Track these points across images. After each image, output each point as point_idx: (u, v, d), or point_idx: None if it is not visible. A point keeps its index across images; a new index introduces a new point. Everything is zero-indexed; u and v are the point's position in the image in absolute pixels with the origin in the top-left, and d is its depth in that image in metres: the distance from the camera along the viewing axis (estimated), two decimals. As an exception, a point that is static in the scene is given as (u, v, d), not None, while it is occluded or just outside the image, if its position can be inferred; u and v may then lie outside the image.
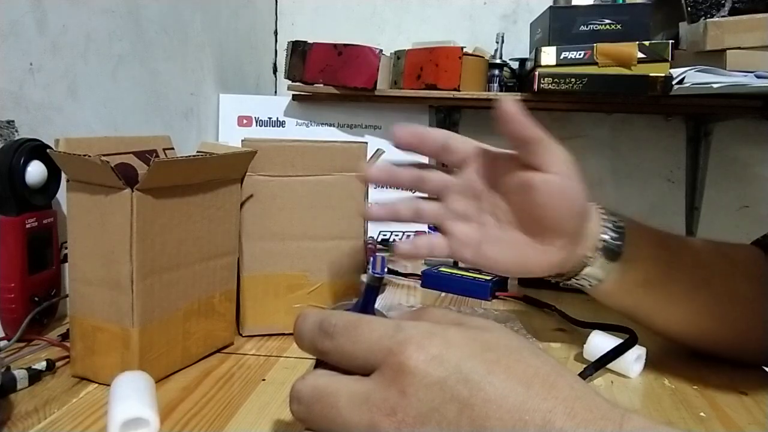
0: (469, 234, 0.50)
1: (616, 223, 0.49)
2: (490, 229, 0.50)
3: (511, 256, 0.49)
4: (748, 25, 0.97)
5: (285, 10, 1.44)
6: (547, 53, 1.04)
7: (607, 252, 0.48)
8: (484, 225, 0.50)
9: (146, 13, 0.84)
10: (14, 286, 0.55)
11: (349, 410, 0.28)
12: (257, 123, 1.19)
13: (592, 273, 0.49)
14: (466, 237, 0.50)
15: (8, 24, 0.58)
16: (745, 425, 0.45)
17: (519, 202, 0.48)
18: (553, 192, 0.45)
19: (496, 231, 0.49)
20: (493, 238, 0.49)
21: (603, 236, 0.48)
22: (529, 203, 0.46)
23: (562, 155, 0.46)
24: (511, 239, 0.49)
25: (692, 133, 1.35)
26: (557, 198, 0.45)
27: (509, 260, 0.49)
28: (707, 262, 0.53)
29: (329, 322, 0.30)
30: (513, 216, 0.48)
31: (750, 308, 0.52)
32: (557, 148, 0.46)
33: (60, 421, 0.41)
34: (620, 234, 0.49)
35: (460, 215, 0.51)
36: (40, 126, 0.62)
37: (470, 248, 0.50)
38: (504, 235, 0.49)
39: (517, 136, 0.45)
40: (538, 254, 0.48)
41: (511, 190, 0.48)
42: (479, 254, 0.50)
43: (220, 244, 0.54)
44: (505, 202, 0.49)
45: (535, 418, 0.26)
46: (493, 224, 0.49)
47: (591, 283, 0.50)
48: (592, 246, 0.48)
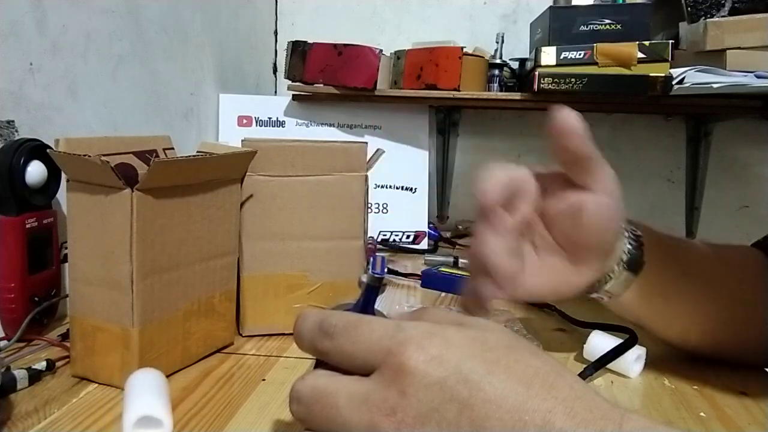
0: (512, 268, 0.44)
1: (634, 231, 0.48)
2: (530, 259, 0.46)
3: (548, 283, 0.46)
4: (748, 25, 0.97)
5: (285, 10, 1.44)
6: (547, 53, 1.04)
7: (629, 265, 0.47)
8: (522, 256, 0.46)
9: (146, 13, 0.84)
10: (14, 286, 0.55)
11: (349, 410, 0.28)
12: (257, 123, 1.19)
13: (614, 287, 0.47)
14: (510, 272, 0.44)
15: (8, 24, 0.58)
16: (745, 425, 0.45)
17: (565, 227, 0.44)
18: (603, 214, 0.43)
19: (535, 261, 0.46)
20: (533, 269, 0.46)
21: (626, 246, 0.47)
22: (577, 227, 0.44)
23: (612, 175, 0.43)
24: (550, 265, 0.46)
25: (692, 133, 1.35)
26: (606, 219, 0.43)
27: (547, 287, 0.46)
28: (713, 267, 0.53)
29: (329, 322, 0.30)
30: (554, 242, 0.46)
31: (753, 312, 0.51)
32: (607, 167, 0.43)
33: (60, 421, 0.41)
34: (639, 243, 0.47)
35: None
36: (40, 126, 0.62)
37: (512, 283, 0.44)
38: (542, 263, 0.46)
39: (574, 152, 0.41)
40: (573, 277, 0.45)
41: (558, 217, 0.44)
42: (517, 287, 0.45)
43: (220, 244, 0.54)
44: (547, 227, 0.46)
45: (534, 418, 0.26)
46: (531, 253, 0.46)
47: (611, 296, 0.48)
48: (617, 259, 0.46)
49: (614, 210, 0.43)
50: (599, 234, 0.44)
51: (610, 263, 0.46)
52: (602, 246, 0.45)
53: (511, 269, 0.43)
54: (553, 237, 0.46)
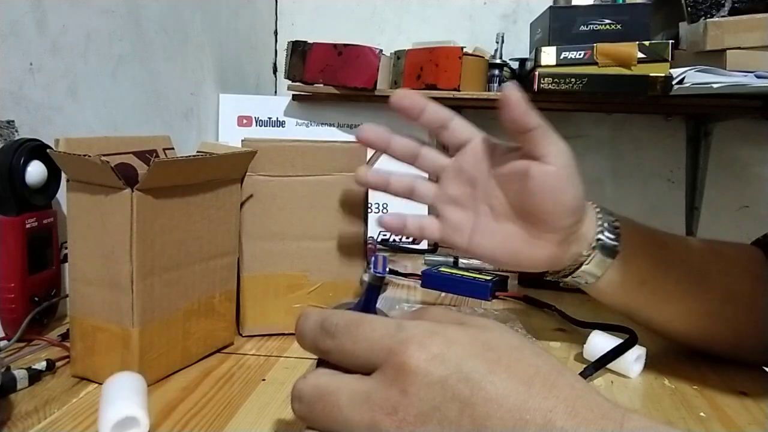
0: (462, 220, 0.50)
1: (612, 222, 0.49)
2: (484, 219, 0.49)
3: (503, 247, 0.49)
4: (748, 25, 0.97)
5: (285, 10, 1.44)
6: (547, 53, 1.04)
7: (603, 250, 0.48)
8: (478, 214, 0.50)
9: (146, 13, 0.84)
10: (14, 286, 0.55)
11: (351, 409, 0.28)
12: (257, 123, 1.19)
13: (589, 270, 0.49)
14: (459, 223, 0.50)
15: (8, 24, 0.58)
16: (745, 425, 0.45)
17: (515, 192, 0.47)
18: (550, 183, 0.45)
19: (490, 221, 0.49)
20: (486, 228, 0.49)
21: (599, 236, 0.48)
22: (524, 193, 0.46)
23: (563, 148, 0.46)
24: (505, 231, 0.48)
25: (692, 133, 1.35)
26: (553, 190, 0.45)
27: (501, 251, 0.49)
28: (702, 260, 0.53)
29: (331, 321, 0.30)
30: (508, 207, 0.48)
31: (748, 307, 0.52)
32: (558, 141, 0.46)
33: (60, 421, 0.41)
34: (616, 234, 0.49)
35: (454, 200, 0.50)
36: (40, 126, 0.62)
37: (462, 235, 0.50)
38: (498, 226, 0.49)
39: (517, 123, 0.45)
40: (530, 248, 0.47)
41: (508, 178, 0.48)
42: (471, 242, 0.49)
43: (220, 244, 0.54)
44: (502, 191, 0.48)
45: (536, 417, 0.26)
46: (488, 214, 0.49)
47: (588, 280, 0.50)
48: (587, 245, 0.48)
49: (560, 181, 0.45)
50: (546, 204, 0.46)
51: (579, 246, 0.48)
52: (555, 221, 0.46)
53: (456, 218, 0.50)
54: (507, 202, 0.48)
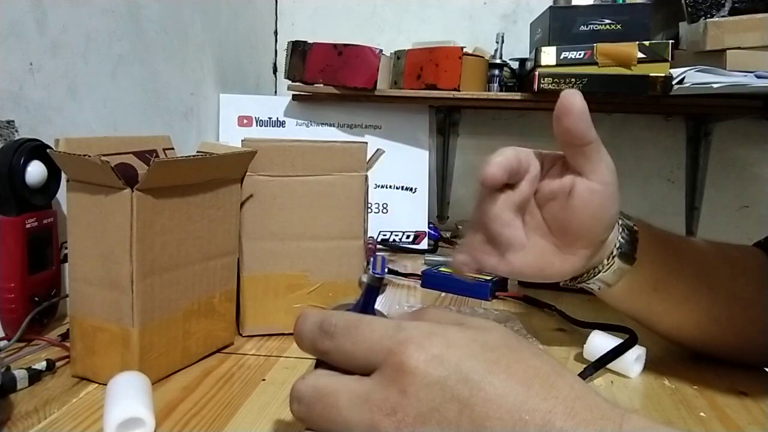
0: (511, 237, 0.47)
1: (631, 227, 0.48)
2: None
3: (534, 263, 0.46)
4: (748, 25, 0.97)
5: (285, 10, 1.44)
6: (547, 53, 1.04)
7: (621, 257, 0.47)
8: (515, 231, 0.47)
9: (146, 13, 0.84)
10: (14, 286, 0.55)
11: (350, 410, 0.28)
12: (257, 123, 1.19)
13: (604, 277, 0.48)
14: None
15: (8, 24, 0.58)
16: (745, 425, 0.45)
17: (555, 208, 0.45)
18: (595, 202, 0.43)
19: (523, 239, 0.47)
20: (518, 245, 0.46)
21: (619, 241, 0.47)
22: (565, 210, 0.44)
23: (610, 165, 0.43)
24: (537, 246, 0.46)
25: (692, 133, 1.35)
26: (597, 208, 0.44)
27: (531, 267, 0.47)
28: (711, 265, 0.53)
29: (329, 322, 0.30)
30: (542, 222, 0.46)
31: (753, 311, 0.51)
32: (606, 157, 0.43)
33: (60, 421, 0.41)
34: (634, 239, 0.48)
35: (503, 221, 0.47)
36: (40, 126, 0.62)
37: (495, 255, 0.47)
38: (529, 242, 0.46)
39: (575, 135, 0.42)
40: (560, 262, 0.46)
41: (550, 194, 0.45)
42: (503, 261, 0.47)
43: (220, 244, 0.54)
44: (538, 207, 0.46)
45: (535, 418, 0.26)
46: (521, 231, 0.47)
47: (601, 287, 0.49)
48: (609, 254, 0.47)
49: (605, 199, 0.44)
50: (588, 222, 0.44)
51: (601, 256, 0.47)
52: (592, 237, 0.45)
53: (510, 238, 0.46)
54: (543, 218, 0.46)
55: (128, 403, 0.39)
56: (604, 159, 0.43)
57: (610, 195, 0.44)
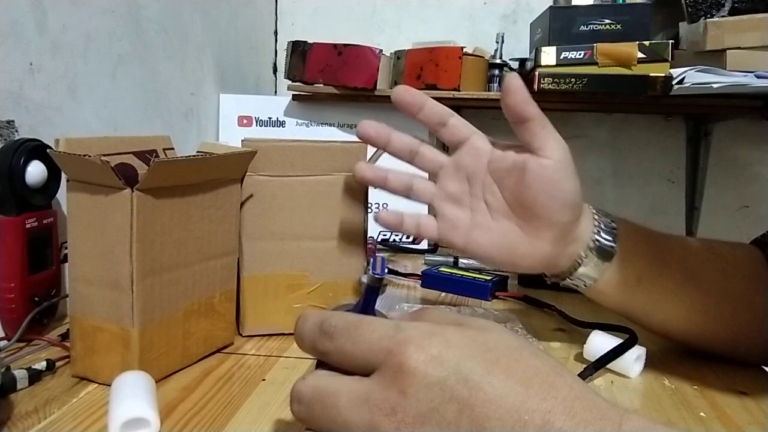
0: (459, 218, 0.50)
1: (609, 224, 0.49)
2: (481, 216, 0.49)
3: (499, 244, 0.49)
4: (748, 25, 0.97)
5: (285, 10, 1.44)
6: (547, 53, 1.04)
7: (600, 252, 0.48)
8: (475, 211, 0.50)
9: (146, 13, 0.84)
10: (14, 286, 0.55)
11: (350, 410, 0.28)
12: (257, 123, 1.19)
13: (586, 273, 0.49)
14: (457, 220, 0.50)
15: (8, 24, 0.58)
16: (745, 425, 0.45)
17: (512, 187, 0.47)
18: (547, 175, 0.45)
19: (487, 219, 0.49)
20: (483, 226, 0.49)
21: (596, 237, 0.48)
22: (521, 187, 0.46)
23: (560, 141, 0.46)
24: (501, 228, 0.49)
25: (692, 133, 1.35)
26: (550, 182, 0.46)
27: (498, 249, 0.49)
28: (699, 259, 0.53)
29: (329, 323, 0.31)
30: (505, 204, 0.48)
31: (747, 307, 0.52)
32: (555, 134, 0.46)
33: (60, 421, 0.41)
34: (613, 235, 0.49)
35: (451, 197, 0.51)
36: (40, 126, 0.62)
37: (460, 233, 0.50)
38: (494, 223, 0.49)
39: (516, 111, 0.46)
40: (527, 246, 0.48)
41: (505, 173, 0.48)
42: (469, 240, 0.50)
43: (220, 244, 0.54)
44: (499, 188, 0.49)
45: (534, 418, 0.26)
46: (485, 211, 0.49)
47: (586, 283, 0.50)
48: (584, 246, 0.48)
49: (556, 173, 0.46)
50: (542, 198, 0.46)
51: (576, 247, 0.48)
52: (550, 216, 0.46)
53: (453, 215, 0.50)
54: (504, 198, 0.49)
55: (135, 403, 0.39)
56: (553, 136, 0.46)
57: (561, 170, 0.46)
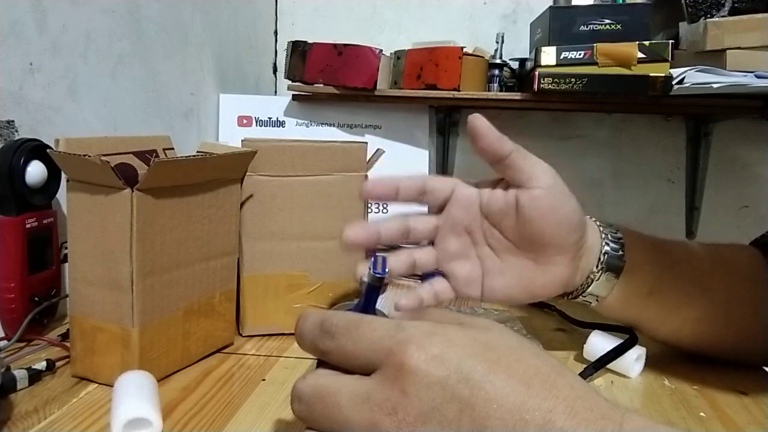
0: (470, 272, 0.49)
1: (614, 233, 0.49)
2: (491, 262, 0.48)
3: (517, 284, 0.47)
4: (748, 25, 0.97)
5: (285, 10, 1.44)
6: (547, 53, 1.04)
7: (610, 264, 0.47)
8: (483, 259, 0.48)
9: (146, 13, 0.84)
10: (14, 286, 0.55)
11: (351, 409, 0.28)
12: (257, 123, 1.19)
13: (597, 290, 0.48)
14: (468, 275, 0.49)
15: (8, 24, 0.58)
16: (745, 425, 0.45)
17: (510, 226, 0.46)
18: (542, 207, 0.44)
19: (497, 263, 0.48)
20: (495, 270, 0.48)
21: (605, 248, 0.48)
22: (521, 223, 0.45)
23: (544, 167, 0.45)
24: (513, 266, 0.47)
25: (692, 133, 1.35)
26: (549, 212, 0.44)
27: (515, 288, 0.47)
28: (704, 266, 0.53)
29: (330, 322, 0.30)
30: (508, 243, 0.47)
31: (750, 310, 0.51)
32: (539, 163, 0.45)
33: (60, 421, 0.41)
34: (620, 244, 0.48)
35: (456, 255, 0.49)
36: (40, 126, 0.62)
37: (474, 285, 0.48)
38: (506, 265, 0.47)
39: (492, 151, 0.44)
40: (543, 276, 0.46)
41: (500, 215, 0.46)
42: (485, 289, 0.48)
43: (220, 244, 0.54)
44: (498, 230, 0.47)
45: (535, 418, 0.26)
46: (493, 256, 0.48)
47: (598, 299, 0.49)
48: (594, 259, 0.47)
49: (552, 200, 0.44)
50: (546, 228, 0.45)
51: (587, 261, 0.47)
52: (559, 241, 0.45)
53: (463, 271, 0.48)
54: (506, 238, 0.47)
55: (138, 403, 0.39)
56: (537, 164, 0.45)
57: (557, 196, 0.45)
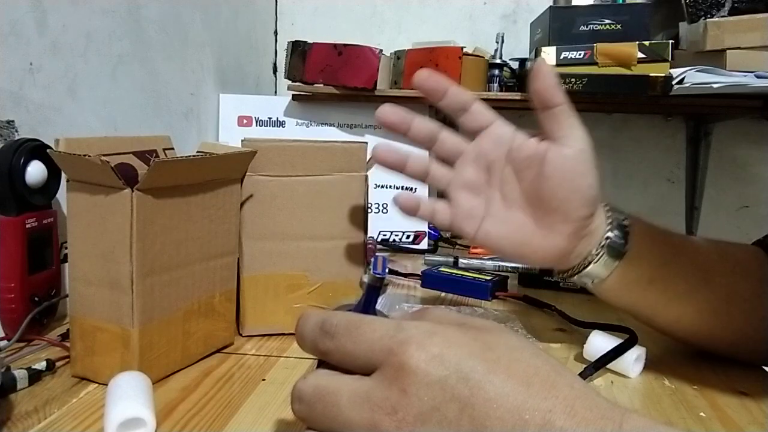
0: (474, 206, 0.49)
1: (621, 221, 0.48)
2: (496, 207, 0.49)
3: (512, 236, 0.48)
4: (748, 25, 0.97)
5: (285, 10, 1.44)
6: (547, 53, 1.04)
7: (611, 250, 0.47)
8: (490, 200, 0.49)
9: (146, 13, 0.84)
10: (14, 286, 0.55)
11: (351, 409, 0.28)
12: (257, 123, 1.19)
13: (595, 271, 0.48)
14: (471, 209, 0.49)
15: (8, 24, 0.58)
16: (745, 425, 0.45)
17: (531, 178, 0.47)
18: (567, 166, 0.45)
19: (502, 209, 0.48)
20: (497, 216, 0.48)
21: (608, 234, 0.47)
22: (541, 178, 0.45)
23: (582, 134, 0.45)
24: (515, 219, 0.48)
25: (692, 133, 1.35)
26: (570, 174, 0.45)
27: (509, 241, 0.48)
28: (708, 260, 0.53)
29: (330, 322, 0.30)
30: (521, 195, 0.47)
31: (751, 308, 0.52)
32: (579, 126, 0.46)
33: (60, 421, 0.41)
34: (625, 232, 0.48)
35: (468, 185, 0.50)
36: (40, 126, 0.62)
37: (473, 222, 0.49)
38: (509, 214, 0.48)
39: (543, 96, 0.45)
40: (540, 239, 0.47)
41: (525, 163, 0.47)
42: (481, 230, 0.49)
43: (220, 244, 0.54)
44: (517, 178, 0.48)
45: (535, 417, 0.26)
46: (500, 201, 0.48)
47: (594, 281, 0.49)
48: (596, 243, 0.47)
49: (577, 165, 0.45)
50: (561, 190, 0.45)
51: (588, 244, 0.47)
52: (567, 209, 0.45)
53: (468, 204, 0.49)
54: (521, 190, 0.48)
55: (129, 404, 0.39)
56: (576, 127, 0.46)
57: (582, 162, 0.45)
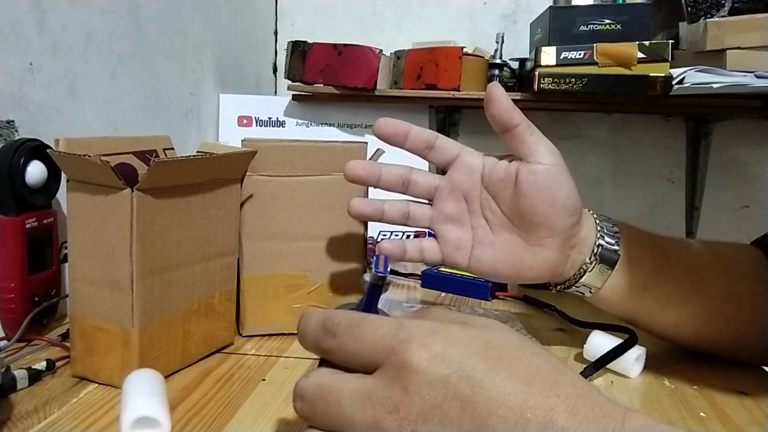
0: (460, 237, 0.50)
1: (611, 228, 0.49)
2: (483, 233, 0.49)
3: (505, 258, 0.48)
4: (748, 25, 0.98)
5: (285, 10, 1.44)
6: (547, 53, 1.04)
7: (604, 258, 0.48)
8: (476, 228, 0.49)
9: (146, 13, 0.84)
10: (14, 286, 0.55)
11: (352, 407, 0.28)
12: (257, 123, 1.19)
13: (590, 280, 0.49)
14: (458, 240, 0.50)
15: (8, 24, 0.58)
16: (745, 425, 0.45)
17: (508, 199, 0.47)
18: (540, 183, 0.45)
19: (489, 235, 0.49)
20: (486, 242, 0.49)
21: (600, 241, 0.48)
22: (517, 197, 0.46)
23: (549, 146, 0.46)
24: (504, 241, 0.48)
25: (692, 133, 1.35)
26: (545, 188, 0.45)
27: (502, 263, 0.48)
28: (701, 263, 0.53)
29: (332, 321, 0.31)
30: (504, 217, 0.48)
31: (748, 308, 0.51)
32: (544, 141, 0.46)
33: (60, 421, 0.41)
34: (616, 239, 0.48)
35: (450, 218, 0.50)
36: (40, 126, 0.62)
37: (463, 252, 0.50)
38: (497, 238, 0.49)
39: (501, 120, 0.46)
40: (532, 257, 0.47)
41: (500, 186, 0.48)
42: (473, 258, 0.49)
43: (220, 244, 0.53)
44: (496, 202, 0.48)
45: (536, 416, 0.26)
46: (485, 227, 0.49)
47: (591, 290, 0.50)
48: (588, 251, 0.48)
49: (550, 179, 0.46)
50: (540, 205, 0.46)
51: (580, 252, 0.48)
52: (551, 223, 0.46)
53: (455, 236, 0.50)
54: (502, 212, 0.48)
55: (147, 401, 0.39)
56: (542, 142, 0.46)
57: (555, 174, 0.46)
